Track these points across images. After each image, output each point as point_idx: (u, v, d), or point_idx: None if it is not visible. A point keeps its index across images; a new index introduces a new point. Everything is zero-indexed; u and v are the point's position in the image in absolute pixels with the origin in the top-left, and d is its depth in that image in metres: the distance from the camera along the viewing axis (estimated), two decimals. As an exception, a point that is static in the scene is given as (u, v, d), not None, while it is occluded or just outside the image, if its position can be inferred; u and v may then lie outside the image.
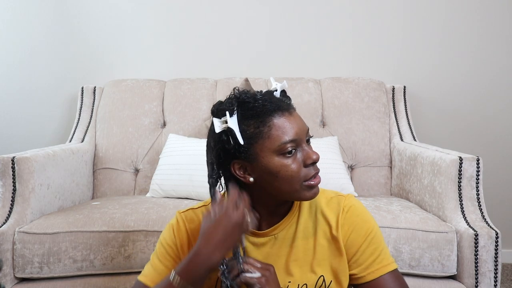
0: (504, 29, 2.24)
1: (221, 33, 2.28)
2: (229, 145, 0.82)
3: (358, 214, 0.90)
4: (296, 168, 0.82)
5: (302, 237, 0.90)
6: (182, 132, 1.99)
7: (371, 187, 1.97)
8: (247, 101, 0.82)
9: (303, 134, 0.83)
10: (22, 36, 2.28)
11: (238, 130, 0.81)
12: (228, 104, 0.83)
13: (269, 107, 0.81)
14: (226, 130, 0.81)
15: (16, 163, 1.46)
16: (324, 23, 2.27)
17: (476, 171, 1.47)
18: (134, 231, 1.41)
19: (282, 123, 0.81)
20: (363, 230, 0.88)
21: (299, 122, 0.84)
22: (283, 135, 0.81)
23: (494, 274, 1.37)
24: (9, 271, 1.38)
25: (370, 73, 2.20)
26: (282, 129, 0.81)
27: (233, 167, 0.84)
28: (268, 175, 0.82)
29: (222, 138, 0.82)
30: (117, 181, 1.95)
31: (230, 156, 0.83)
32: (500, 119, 2.28)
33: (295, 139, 0.82)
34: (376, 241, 0.88)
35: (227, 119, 0.81)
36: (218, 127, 0.82)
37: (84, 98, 2.15)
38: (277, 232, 0.90)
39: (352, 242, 0.88)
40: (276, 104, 0.82)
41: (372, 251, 0.87)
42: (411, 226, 1.41)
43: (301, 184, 0.83)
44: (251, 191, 0.87)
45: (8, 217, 1.44)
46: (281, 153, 0.81)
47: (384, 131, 2.02)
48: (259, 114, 0.81)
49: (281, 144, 0.80)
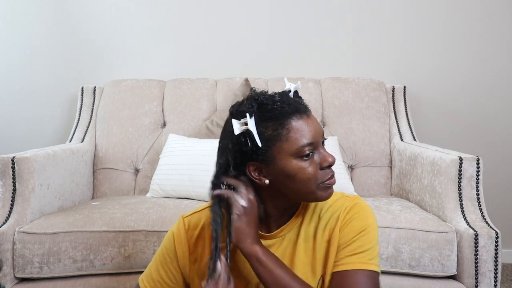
0: (504, 29, 2.24)
1: (221, 33, 2.28)
2: (247, 147, 0.81)
3: (358, 212, 0.89)
4: (313, 171, 0.82)
5: (304, 238, 0.90)
6: (182, 132, 1.99)
7: (371, 187, 1.97)
8: (265, 103, 0.82)
9: (319, 137, 0.84)
10: (22, 36, 2.28)
11: (256, 132, 0.80)
12: (248, 105, 0.82)
13: (288, 110, 0.81)
14: (244, 132, 0.81)
15: (16, 163, 1.46)
16: (324, 23, 2.27)
17: (476, 171, 1.47)
18: (134, 231, 1.41)
19: (300, 126, 0.81)
20: (357, 227, 0.87)
21: (316, 125, 0.84)
22: (302, 138, 0.81)
23: (494, 274, 1.37)
24: (9, 271, 1.38)
25: (370, 73, 2.20)
26: (300, 132, 0.81)
27: (249, 169, 0.84)
28: (285, 177, 0.82)
29: (240, 140, 0.82)
30: (117, 181, 1.95)
31: (247, 158, 0.83)
32: (500, 119, 2.28)
33: (313, 142, 0.82)
34: (365, 239, 0.86)
35: (247, 120, 0.81)
36: (237, 128, 0.81)
37: (84, 98, 2.15)
38: (284, 233, 0.90)
39: (344, 236, 0.87)
40: (294, 106, 0.82)
41: (357, 246, 0.85)
42: (411, 226, 1.41)
43: (318, 185, 0.83)
44: (264, 193, 0.87)
45: (8, 217, 1.44)
46: (298, 156, 0.81)
47: (384, 131, 2.02)
48: (278, 116, 0.81)
49: (299, 147, 0.81)
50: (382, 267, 1.39)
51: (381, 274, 1.40)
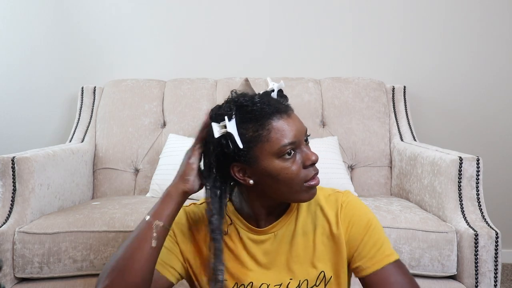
0: (504, 29, 2.24)
1: (221, 33, 2.28)
2: (228, 149, 0.82)
3: (356, 208, 0.91)
4: (296, 170, 0.82)
5: (301, 234, 0.91)
6: (182, 132, 1.99)
7: (371, 187, 1.97)
8: (245, 104, 0.82)
9: (301, 136, 0.84)
10: (22, 36, 2.28)
11: (237, 134, 0.81)
12: (226, 108, 0.83)
13: (268, 110, 0.81)
14: (225, 134, 0.82)
15: (16, 163, 1.46)
16: (324, 23, 2.27)
17: (476, 171, 1.47)
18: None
19: (281, 126, 0.81)
20: (363, 223, 0.89)
21: (298, 124, 0.84)
22: (282, 138, 0.81)
23: (494, 274, 1.37)
24: (9, 271, 1.38)
25: (370, 73, 2.20)
26: (281, 132, 0.81)
27: (233, 169, 0.85)
28: (268, 177, 0.83)
29: (221, 142, 0.82)
30: (117, 181, 1.95)
31: (230, 159, 0.84)
32: (500, 119, 2.28)
33: (294, 141, 0.82)
34: (376, 232, 0.89)
35: (226, 123, 0.81)
36: (217, 132, 0.82)
37: (84, 98, 2.15)
38: (276, 230, 0.91)
39: (354, 236, 0.89)
40: (275, 106, 0.82)
41: (374, 242, 0.88)
42: (411, 226, 1.41)
43: (301, 185, 0.83)
44: (250, 193, 0.88)
45: (8, 217, 1.44)
46: (280, 156, 0.81)
47: (384, 131, 2.02)
48: (258, 117, 0.81)
49: (281, 147, 0.81)
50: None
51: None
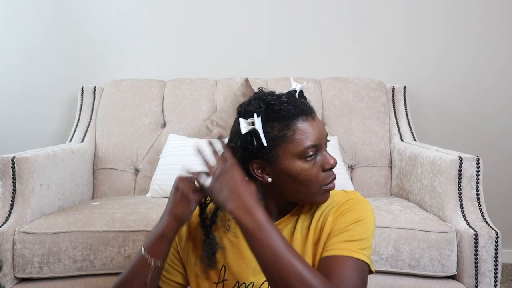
0: (504, 29, 2.24)
1: (221, 33, 2.28)
2: (252, 146, 0.83)
3: (355, 204, 0.88)
4: (315, 172, 0.84)
5: (300, 230, 0.90)
6: (182, 132, 1.99)
7: (371, 187, 1.97)
8: (272, 103, 0.83)
9: (323, 139, 0.86)
10: (22, 36, 2.28)
11: (262, 132, 0.82)
12: (256, 105, 0.83)
13: (294, 111, 0.83)
14: (251, 131, 0.82)
15: (16, 163, 1.46)
16: (324, 23, 2.27)
17: (476, 171, 1.47)
18: (134, 231, 1.41)
19: (305, 127, 0.83)
20: (353, 217, 0.85)
21: (320, 127, 0.85)
22: (306, 140, 0.82)
23: (494, 274, 1.37)
24: (9, 271, 1.38)
25: (370, 73, 2.20)
26: (305, 134, 0.82)
27: (252, 166, 0.86)
28: (287, 177, 0.84)
29: (247, 138, 0.83)
30: (117, 181, 1.95)
31: (251, 155, 0.84)
32: (500, 119, 2.28)
33: (317, 144, 0.83)
34: (359, 229, 0.84)
35: (254, 120, 0.82)
36: (244, 128, 0.83)
37: (84, 98, 2.15)
38: (281, 227, 0.91)
39: (338, 225, 0.85)
40: (301, 108, 0.84)
41: (349, 235, 0.83)
42: (411, 226, 1.41)
43: (319, 188, 0.84)
44: (266, 191, 0.89)
45: (8, 217, 1.44)
46: (302, 157, 0.83)
47: (384, 131, 2.02)
48: (284, 117, 0.82)
49: (304, 149, 0.82)
50: (382, 267, 1.39)
51: (381, 274, 1.40)
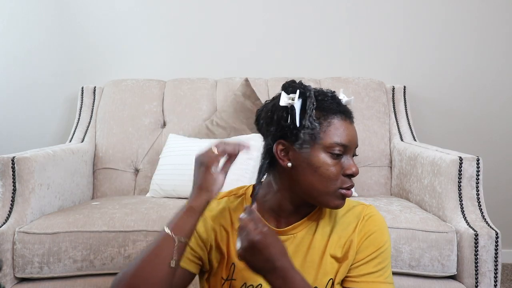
0: (504, 29, 2.24)
1: (221, 33, 2.28)
2: (285, 122, 0.83)
3: (377, 225, 0.90)
4: (336, 172, 0.83)
5: (319, 239, 0.90)
6: (182, 132, 1.99)
7: (371, 187, 1.97)
8: (317, 93, 0.85)
9: (353, 145, 0.86)
10: (22, 36, 2.28)
11: (299, 111, 0.82)
12: (302, 85, 0.85)
13: (335, 108, 0.85)
14: (288, 107, 0.83)
15: (16, 163, 1.46)
16: (324, 23, 2.27)
17: (476, 171, 1.47)
18: (134, 231, 1.41)
19: (341, 125, 0.84)
20: (377, 241, 0.88)
21: (354, 134, 0.87)
22: (338, 136, 0.83)
23: (494, 274, 1.37)
24: (9, 271, 1.38)
25: (370, 73, 2.20)
26: (339, 130, 0.84)
27: (277, 146, 0.85)
28: (308, 166, 0.83)
29: (283, 114, 0.84)
30: (117, 181, 1.95)
31: (280, 133, 0.85)
32: (500, 119, 2.28)
33: (346, 145, 0.84)
34: (384, 256, 0.89)
35: (295, 97, 0.82)
36: (284, 101, 0.83)
37: (84, 98, 2.15)
38: (296, 232, 0.90)
39: (364, 249, 0.88)
40: (343, 107, 0.86)
41: (376, 264, 0.88)
42: (411, 226, 1.41)
43: (336, 190, 0.84)
44: (282, 180, 0.87)
45: (8, 217, 1.44)
46: (328, 151, 0.83)
47: (384, 131, 2.02)
48: (325, 109, 0.84)
49: (333, 143, 0.83)
50: (382, 267, 1.39)
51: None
